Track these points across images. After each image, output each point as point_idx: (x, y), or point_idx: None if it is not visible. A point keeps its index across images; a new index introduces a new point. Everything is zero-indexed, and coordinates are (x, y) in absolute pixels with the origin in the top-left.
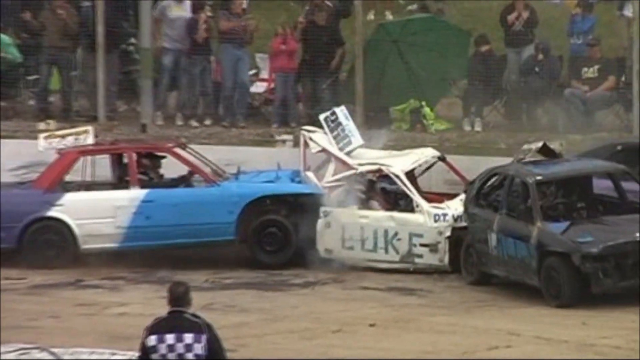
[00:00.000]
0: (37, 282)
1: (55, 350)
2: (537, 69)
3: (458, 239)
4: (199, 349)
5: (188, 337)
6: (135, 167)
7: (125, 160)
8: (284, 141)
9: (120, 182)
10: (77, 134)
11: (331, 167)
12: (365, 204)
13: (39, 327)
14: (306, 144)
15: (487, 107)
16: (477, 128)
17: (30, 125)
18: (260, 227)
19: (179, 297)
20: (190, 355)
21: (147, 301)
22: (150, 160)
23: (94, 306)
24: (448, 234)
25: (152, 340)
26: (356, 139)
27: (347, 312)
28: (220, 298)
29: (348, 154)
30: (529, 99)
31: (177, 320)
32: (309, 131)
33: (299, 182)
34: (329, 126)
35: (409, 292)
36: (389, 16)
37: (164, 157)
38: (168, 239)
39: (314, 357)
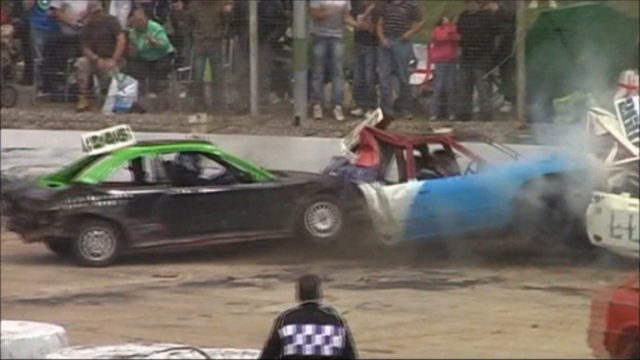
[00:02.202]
0: (187, 279)
1: (206, 350)
2: None
3: None
4: (337, 341)
5: (327, 329)
6: (412, 159)
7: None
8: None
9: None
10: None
11: (614, 152)
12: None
13: (189, 327)
14: (592, 125)
15: None
16: None
17: (181, 117)
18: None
19: (310, 290)
20: (327, 348)
21: None
22: (438, 155)
23: (246, 305)
24: None
25: (289, 329)
26: None
27: (508, 313)
28: (375, 297)
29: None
30: None
31: (312, 311)
32: (598, 113)
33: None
34: (622, 113)
35: (573, 292)
36: (553, 4)
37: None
38: (446, 230)
39: (473, 358)
